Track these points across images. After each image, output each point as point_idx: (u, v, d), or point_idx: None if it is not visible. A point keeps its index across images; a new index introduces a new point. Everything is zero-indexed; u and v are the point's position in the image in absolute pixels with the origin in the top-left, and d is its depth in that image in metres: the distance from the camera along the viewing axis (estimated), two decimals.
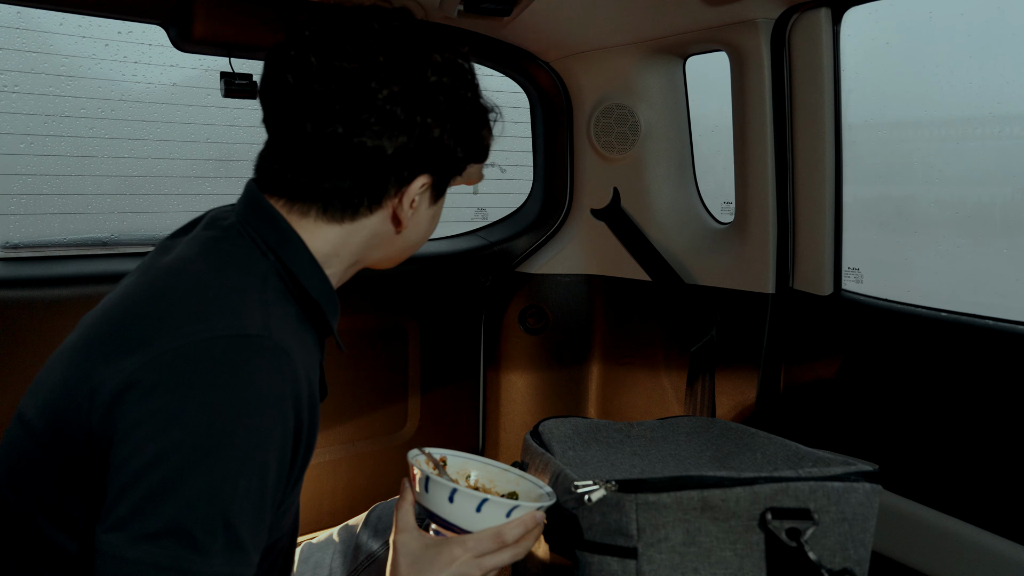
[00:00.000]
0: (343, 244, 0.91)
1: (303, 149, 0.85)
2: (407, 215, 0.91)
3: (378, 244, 0.94)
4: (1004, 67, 1.47)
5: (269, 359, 0.75)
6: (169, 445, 0.70)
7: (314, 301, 0.88)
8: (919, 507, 1.41)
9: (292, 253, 0.87)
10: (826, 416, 1.62)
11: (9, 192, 1.75)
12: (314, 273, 0.88)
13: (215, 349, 0.73)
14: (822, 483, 1.10)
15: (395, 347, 2.03)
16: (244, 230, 0.87)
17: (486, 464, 1.06)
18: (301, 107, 0.83)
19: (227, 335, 0.74)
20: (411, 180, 0.89)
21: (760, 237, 1.72)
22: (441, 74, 0.86)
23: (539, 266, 2.15)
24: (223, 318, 0.76)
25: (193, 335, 0.74)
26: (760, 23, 1.60)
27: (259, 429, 0.73)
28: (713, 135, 1.92)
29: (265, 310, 0.79)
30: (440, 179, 0.93)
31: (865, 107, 1.62)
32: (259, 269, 0.84)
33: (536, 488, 1.02)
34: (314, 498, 1.91)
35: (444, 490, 0.90)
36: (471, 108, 0.92)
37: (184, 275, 0.82)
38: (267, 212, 0.88)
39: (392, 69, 0.83)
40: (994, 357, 1.33)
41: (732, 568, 1.10)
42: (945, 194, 1.71)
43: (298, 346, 0.81)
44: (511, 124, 2.61)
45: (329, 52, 0.83)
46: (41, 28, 1.72)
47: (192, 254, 0.85)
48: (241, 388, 0.72)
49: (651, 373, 2.03)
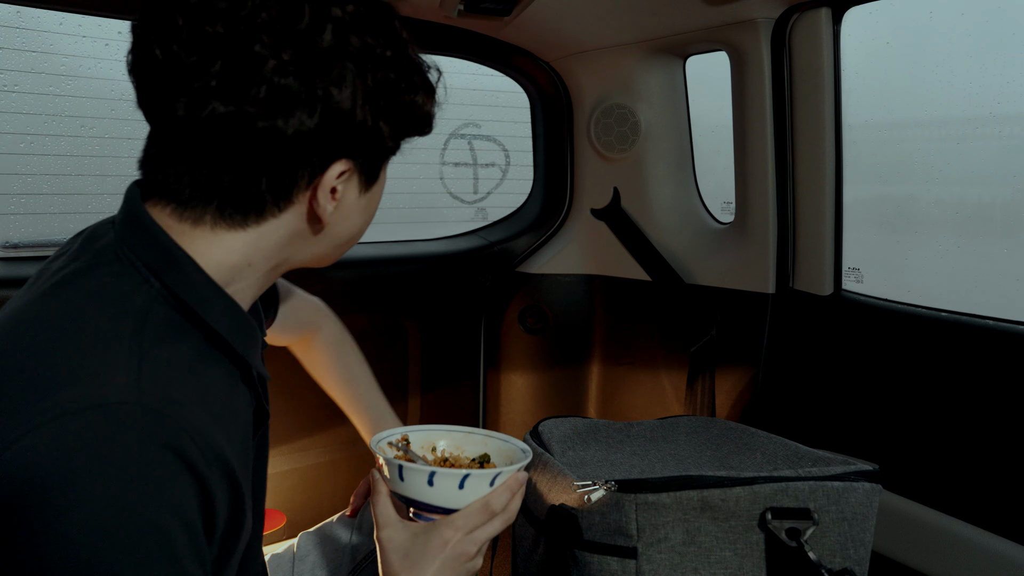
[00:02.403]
0: (253, 251, 0.74)
1: (180, 137, 0.68)
2: (326, 210, 0.74)
3: (301, 245, 0.78)
4: (1004, 67, 1.47)
5: (140, 430, 0.59)
6: (45, 563, 0.55)
7: (216, 334, 0.72)
8: (919, 507, 1.41)
9: (179, 277, 0.70)
10: (826, 416, 1.62)
11: (9, 192, 1.75)
12: (213, 298, 0.72)
13: (71, 427, 0.57)
14: (822, 483, 1.10)
15: (395, 347, 2.03)
16: (120, 251, 0.70)
17: (449, 431, 1.00)
18: (171, 84, 0.66)
19: (77, 409, 0.58)
20: (324, 168, 0.72)
21: (760, 237, 1.71)
22: (345, 32, 0.69)
23: (539, 266, 2.15)
24: (74, 386, 0.59)
25: (34, 419, 0.57)
26: (760, 23, 1.60)
27: (144, 515, 0.58)
28: (713, 135, 1.92)
29: (136, 361, 0.63)
30: (366, 162, 0.76)
31: (865, 107, 1.62)
32: (135, 304, 0.67)
33: (506, 445, 0.97)
34: (314, 498, 1.91)
35: (422, 475, 0.85)
36: (394, 70, 0.73)
37: (31, 326, 0.64)
38: (144, 226, 0.71)
39: (279, 29, 0.66)
40: (994, 357, 1.33)
41: (732, 568, 1.10)
42: (945, 194, 1.71)
43: (196, 392, 0.67)
44: (511, 124, 2.60)
45: (199, 13, 0.66)
46: (41, 28, 1.72)
47: (48, 295, 0.67)
48: (109, 478, 0.57)
49: (651, 373, 2.03)
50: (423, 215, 2.52)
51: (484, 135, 2.62)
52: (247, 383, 0.80)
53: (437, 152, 2.55)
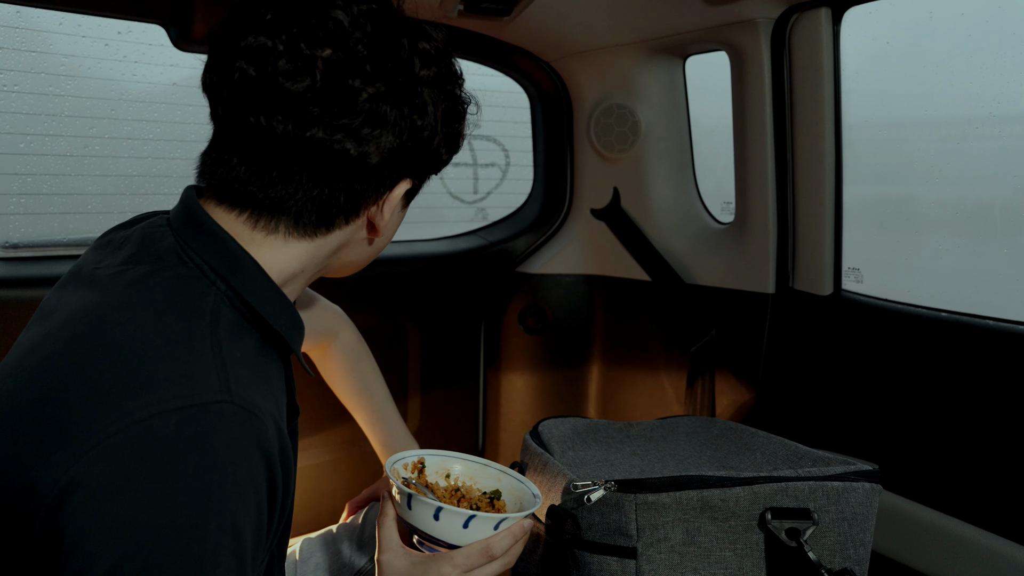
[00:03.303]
0: (310, 259, 0.80)
1: (270, 155, 0.72)
2: (384, 222, 0.81)
3: (347, 254, 0.84)
4: (1004, 67, 1.46)
5: (233, 428, 0.63)
6: (127, 552, 0.58)
7: (276, 332, 0.76)
8: (919, 507, 1.41)
9: (246, 280, 0.74)
10: (826, 416, 1.62)
11: (9, 192, 1.75)
12: (274, 300, 0.76)
13: (167, 428, 0.61)
14: (822, 483, 1.10)
15: (395, 347, 2.03)
16: (184, 255, 0.73)
17: (466, 460, 1.03)
18: (267, 106, 0.70)
19: (178, 407, 0.62)
20: (394, 186, 0.79)
21: (760, 237, 1.71)
22: (430, 66, 0.76)
23: (539, 266, 2.15)
24: (171, 386, 0.63)
25: (136, 413, 0.61)
26: (760, 23, 1.60)
27: (231, 511, 0.61)
28: (713, 135, 1.92)
29: (220, 360, 0.66)
30: (421, 181, 0.85)
31: (865, 107, 1.62)
32: (207, 304, 0.70)
33: (519, 486, 0.99)
34: (314, 498, 1.91)
35: (428, 508, 0.87)
36: (455, 103, 0.82)
37: (113, 328, 0.67)
38: (211, 231, 0.74)
39: (377, 61, 0.71)
40: (994, 357, 1.33)
41: (732, 568, 1.10)
42: (945, 194, 1.71)
43: (263, 387, 0.71)
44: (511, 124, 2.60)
45: (297, 37, 0.69)
46: (41, 28, 1.72)
47: (120, 295, 0.70)
48: (205, 471, 0.61)
49: (651, 373, 2.03)
50: (423, 215, 2.52)
51: (484, 135, 2.62)
52: (286, 378, 0.84)
53: None
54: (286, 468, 0.70)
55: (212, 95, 0.75)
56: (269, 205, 0.75)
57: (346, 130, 0.71)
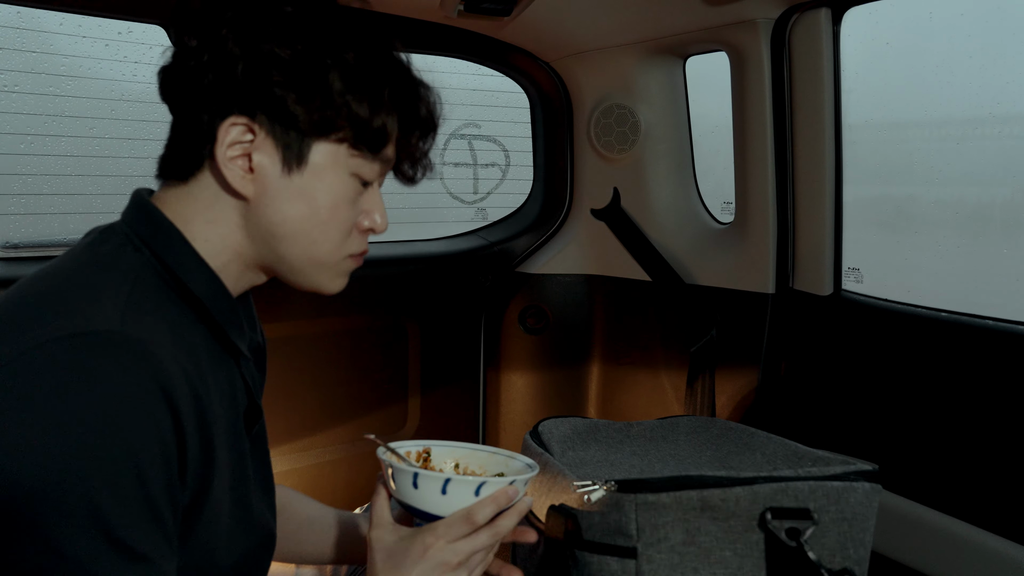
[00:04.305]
0: (207, 213, 0.78)
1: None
2: (238, 178, 0.76)
3: (247, 229, 0.79)
4: (1004, 67, 1.46)
5: (120, 354, 0.64)
6: (16, 477, 0.59)
7: (196, 299, 0.76)
8: (919, 507, 1.41)
9: (166, 242, 0.76)
10: (826, 416, 1.62)
11: (9, 192, 1.75)
12: (196, 266, 0.77)
13: (56, 354, 0.62)
14: (822, 483, 1.10)
15: (395, 347, 2.03)
16: (121, 227, 0.78)
17: (473, 449, 1.00)
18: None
19: (70, 334, 0.63)
20: (224, 116, 0.75)
21: (760, 237, 1.71)
22: (286, 27, 0.75)
23: (539, 266, 2.15)
24: (70, 317, 0.65)
25: (32, 341, 0.63)
26: (760, 23, 1.60)
27: (120, 435, 0.62)
28: (713, 135, 1.92)
29: (123, 303, 0.68)
30: (277, 130, 0.76)
31: (865, 107, 1.62)
32: (126, 265, 0.73)
33: (525, 468, 0.96)
34: (314, 498, 1.91)
35: (407, 476, 0.85)
36: (314, 47, 0.75)
37: (38, 280, 0.72)
38: (139, 201, 0.79)
39: None
40: (994, 357, 1.33)
41: (732, 568, 1.10)
42: (945, 194, 1.71)
43: (175, 344, 0.70)
44: (511, 124, 2.61)
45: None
46: (41, 28, 1.72)
47: (59, 260, 0.76)
48: (89, 393, 0.61)
49: (651, 373, 2.03)
50: (423, 215, 2.51)
51: (484, 135, 2.62)
52: (238, 373, 0.83)
53: (437, 152, 2.55)
54: (200, 416, 0.70)
55: None
56: (160, 162, 0.81)
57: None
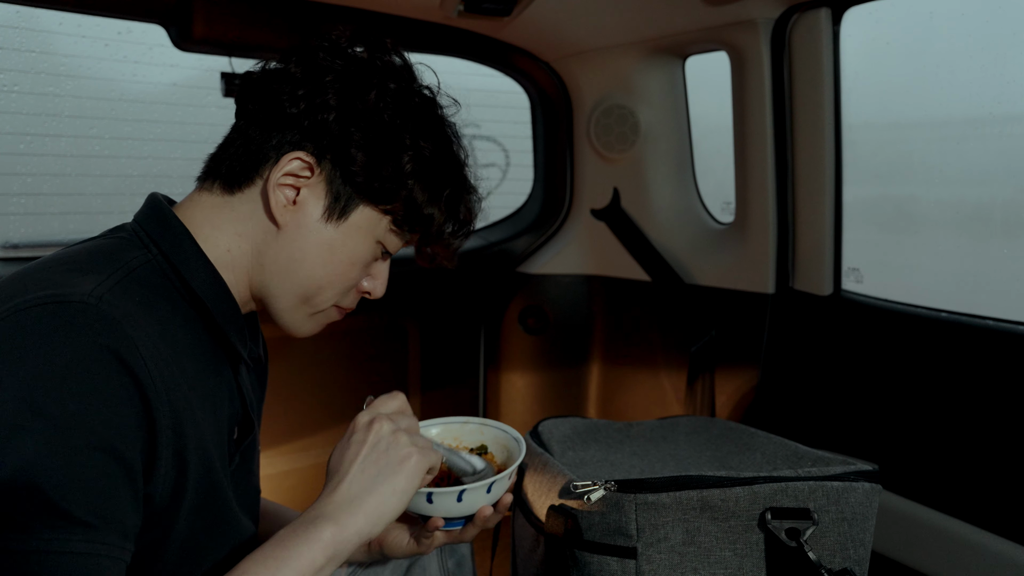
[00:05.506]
0: (228, 222, 0.82)
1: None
2: (280, 206, 0.80)
3: (266, 254, 0.83)
4: (1004, 67, 1.46)
5: (88, 325, 0.65)
6: None
7: (199, 299, 0.77)
8: (918, 507, 1.41)
9: (175, 242, 0.78)
10: (826, 416, 1.62)
11: (9, 192, 1.75)
12: (202, 267, 0.78)
13: (30, 317, 0.65)
14: (821, 483, 1.10)
15: (395, 347, 2.03)
16: (132, 225, 0.81)
17: (445, 424, 1.05)
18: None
19: (45, 301, 0.66)
20: (288, 151, 0.80)
21: (760, 237, 1.72)
22: (385, 99, 0.82)
23: (539, 266, 2.15)
24: (44, 288, 0.68)
25: (15, 304, 0.67)
26: (760, 23, 1.60)
27: (78, 399, 0.63)
28: (713, 135, 1.92)
29: (104, 286, 0.69)
30: (334, 180, 0.81)
31: (865, 107, 1.62)
32: (125, 258, 0.75)
33: (501, 435, 1.00)
34: (313, 498, 1.91)
35: (420, 497, 0.90)
36: (396, 128, 0.82)
37: (37, 264, 0.76)
38: (153, 203, 0.82)
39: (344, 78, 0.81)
40: (994, 357, 1.33)
41: (732, 568, 1.10)
42: (945, 194, 1.71)
43: (161, 336, 0.71)
44: (511, 124, 2.60)
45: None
46: (41, 28, 1.72)
47: (62, 249, 0.79)
48: (52, 355, 0.64)
49: (651, 373, 2.03)
50: None
51: (484, 135, 2.62)
52: (234, 381, 0.84)
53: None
54: (173, 408, 0.70)
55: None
56: (206, 164, 0.85)
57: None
